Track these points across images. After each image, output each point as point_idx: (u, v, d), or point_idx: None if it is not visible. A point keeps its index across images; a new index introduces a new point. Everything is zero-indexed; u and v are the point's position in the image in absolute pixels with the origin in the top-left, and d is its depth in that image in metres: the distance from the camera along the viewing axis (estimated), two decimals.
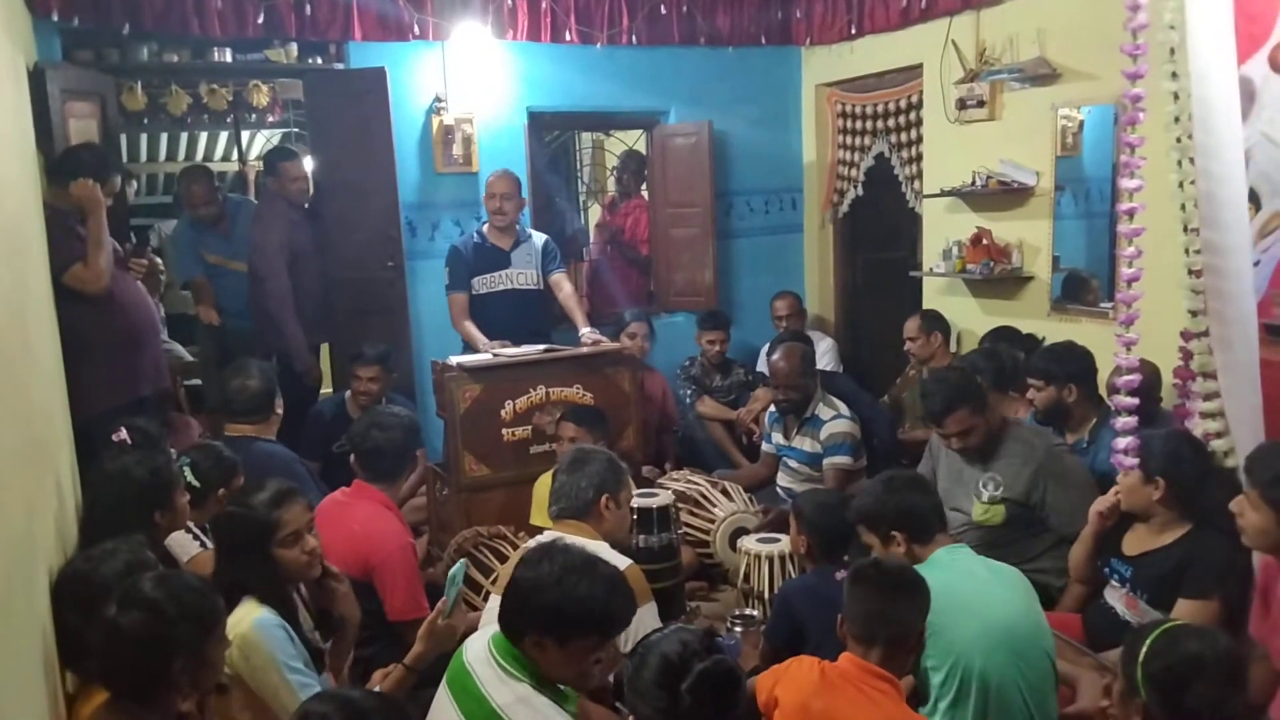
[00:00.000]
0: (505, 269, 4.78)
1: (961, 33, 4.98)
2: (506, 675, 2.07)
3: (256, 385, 3.70)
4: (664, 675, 1.83)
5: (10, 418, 2.07)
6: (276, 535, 2.40)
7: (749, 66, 6.07)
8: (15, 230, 2.60)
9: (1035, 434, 3.45)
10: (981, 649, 2.31)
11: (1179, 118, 2.61)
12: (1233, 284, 2.42)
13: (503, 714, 2.04)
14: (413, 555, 3.12)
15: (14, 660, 1.76)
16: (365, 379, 4.45)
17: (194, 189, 5.12)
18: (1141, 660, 1.81)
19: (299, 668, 2.25)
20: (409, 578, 3.03)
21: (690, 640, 1.87)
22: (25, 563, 2.01)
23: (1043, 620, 2.47)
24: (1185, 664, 1.77)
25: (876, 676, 2.07)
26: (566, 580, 2.04)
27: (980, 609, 2.37)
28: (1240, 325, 2.43)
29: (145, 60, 4.90)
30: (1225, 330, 2.46)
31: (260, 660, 2.22)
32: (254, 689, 2.24)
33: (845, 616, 2.16)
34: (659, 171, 6.14)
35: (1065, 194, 4.73)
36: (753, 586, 3.37)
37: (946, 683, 2.32)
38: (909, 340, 4.83)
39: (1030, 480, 3.28)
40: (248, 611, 2.29)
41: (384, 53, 5.16)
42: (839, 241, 6.32)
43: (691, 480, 4.17)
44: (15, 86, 3.23)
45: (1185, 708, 1.75)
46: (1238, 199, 2.42)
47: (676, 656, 1.83)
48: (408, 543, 3.12)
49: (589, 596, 2.03)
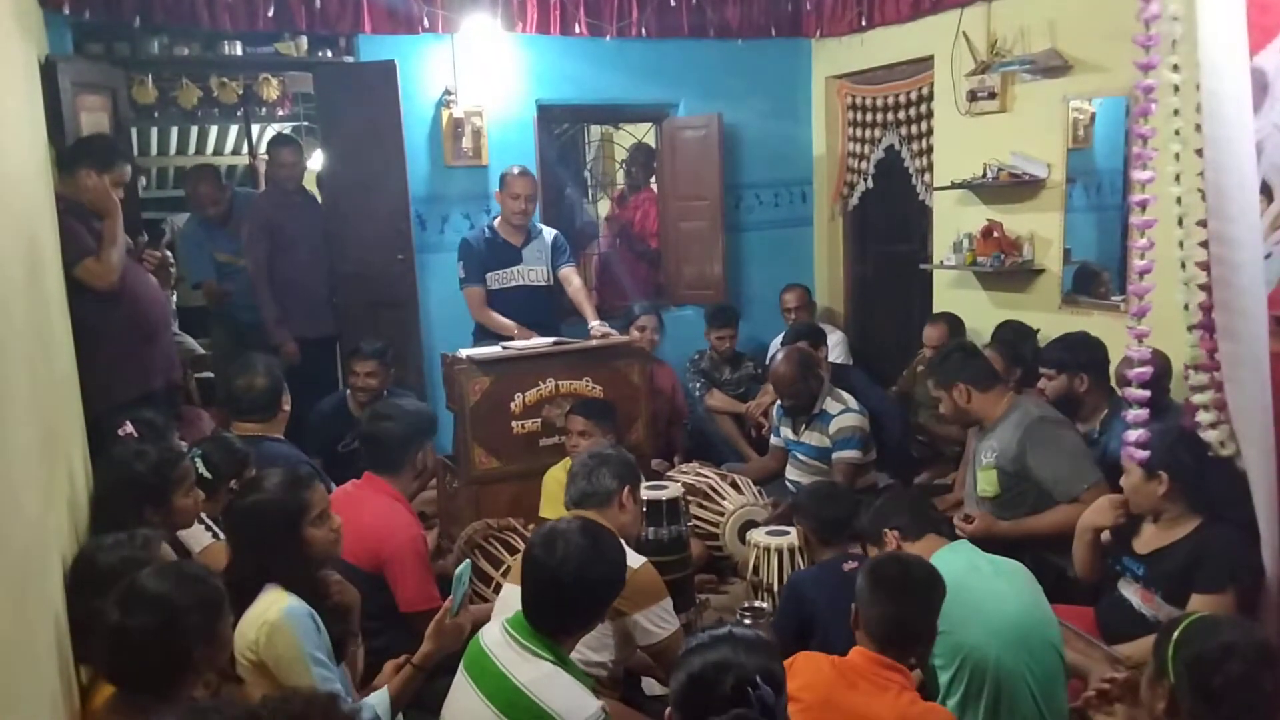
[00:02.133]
0: (517, 265, 4.79)
1: (972, 24, 4.95)
2: (529, 654, 2.09)
3: (263, 383, 3.65)
4: (685, 694, 1.65)
5: (25, 409, 2.08)
6: (308, 516, 2.42)
7: (759, 59, 6.05)
8: (28, 222, 2.61)
9: (1035, 404, 3.48)
10: (990, 647, 2.31)
11: (1179, 110, 2.59)
12: (1241, 275, 2.40)
13: (527, 690, 2.04)
14: (423, 547, 3.13)
15: (29, 649, 1.77)
16: (363, 374, 4.45)
17: (200, 189, 5.15)
18: (1175, 642, 1.81)
19: (323, 659, 2.26)
20: (419, 569, 3.04)
21: (721, 680, 1.61)
22: (40, 552, 2.02)
23: (1049, 612, 2.48)
24: (1219, 650, 1.76)
25: (887, 668, 2.08)
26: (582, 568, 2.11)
27: (986, 607, 2.37)
28: (1248, 317, 2.41)
29: (156, 53, 4.92)
30: (1232, 321, 2.44)
31: (287, 649, 2.22)
32: (275, 677, 2.25)
33: (861, 614, 2.16)
34: (668, 164, 6.13)
35: (1076, 186, 4.71)
36: (762, 579, 3.38)
37: (955, 680, 2.33)
38: (930, 349, 4.79)
39: (1018, 446, 3.31)
40: (276, 599, 2.28)
41: (394, 46, 5.16)
42: (849, 234, 6.31)
43: (701, 473, 4.18)
44: (27, 79, 3.24)
45: (1215, 688, 1.74)
46: (1248, 191, 2.40)
47: (704, 681, 1.63)
48: (418, 534, 3.13)
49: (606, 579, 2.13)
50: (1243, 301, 2.42)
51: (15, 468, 1.87)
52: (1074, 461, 3.27)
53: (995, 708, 2.30)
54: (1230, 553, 2.61)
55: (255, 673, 2.26)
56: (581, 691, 2.05)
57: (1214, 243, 2.45)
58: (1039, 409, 3.43)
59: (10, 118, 2.60)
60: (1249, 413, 2.47)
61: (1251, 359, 2.42)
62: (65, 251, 3.27)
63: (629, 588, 2.64)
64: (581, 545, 2.17)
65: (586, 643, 2.48)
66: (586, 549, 2.17)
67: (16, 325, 2.14)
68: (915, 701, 2.09)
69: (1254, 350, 2.42)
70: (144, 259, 3.89)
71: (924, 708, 2.10)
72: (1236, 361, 2.46)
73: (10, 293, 2.10)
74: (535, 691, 2.04)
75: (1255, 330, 2.42)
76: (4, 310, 1.99)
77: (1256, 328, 2.42)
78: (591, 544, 2.19)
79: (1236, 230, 2.40)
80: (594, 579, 2.17)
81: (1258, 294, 2.42)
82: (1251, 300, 2.41)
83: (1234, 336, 2.45)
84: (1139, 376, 2.72)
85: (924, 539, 2.60)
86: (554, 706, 2.00)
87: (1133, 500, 2.82)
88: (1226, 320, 2.47)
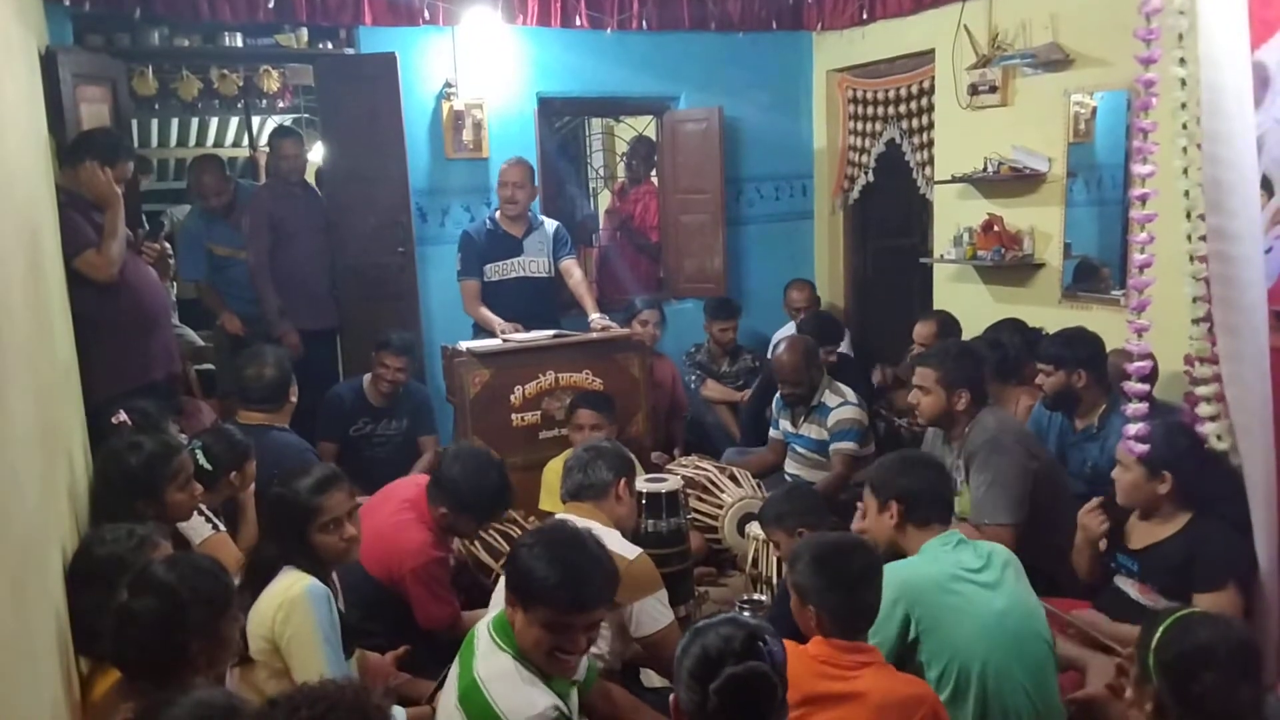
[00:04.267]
0: (518, 256, 4.78)
1: (974, 18, 4.94)
2: (495, 647, 2.09)
3: (272, 373, 3.69)
4: (699, 667, 1.70)
5: (25, 399, 2.08)
6: (317, 521, 2.43)
7: (760, 52, 6.05)
8: (29, 213, 2.61)
9: (995, 420, 3.33)
10: (978, 644, 2.31)
11: (1185, 104, 2.59)
12: (1241, 270, 2.40)
13: (481, 684, 2.04)
14: (436, 569, 3.03)
15: (28, 639, 1.78)
16: (394, 368, 4.44)
17: (205, 179, 5.14)
18: (1154, 647, 1.81)
19: (334, 643, 2.29)
20: (430, 589, 3.00)
21: (734, 636, 1.71)
22: (40, 542, 2.03)
23: (1036, 603, 2.48)
24: (1197, 652, 1.77)
25: (856, 651, 2.10)
26: (538, 548, 2.05)
27: (973, 603, 2.37)
28: (1248, 312, 2.41)
29: (156, 45, 4.92)
30: (1231, 316, 2.44)
31: (302, 624, 2.25)
32: (284, 654, 2.26)
33: (815, 605, 2.13)
34: (669, 157, 6.13)
35: (1077, 181, 4.71)
36: (761, 572, 3.38)
37: (944, 679, 2.33)
38: (920, 346, 4.72)
39: (965, 463, 3.28)
40: (298, 578, 2.33)
41: (394, 38, 5.15)
42: (849, 228, 6.31)
43: (700, 466, 4.18)
44: (27, 70, 3.23)
45: (1194, 695, 1.75)
46: (1248, 185, 2.40)
47: (715, 651, 1.69)
48: (430, 559, 3.00)
49: (547, 563, 2.02)
50: (1242, 296, 2.42)
51: (15, 457, 1.87)
52: (992, 492, 3.17)
53: (984, 702, 2.30)
54: (1227, 548, 2.61)
55: (270, 654, 2.28)
56: (532, 690, 2.01)
57: (1213, 237, 2.45)
58: (995, 427, 3.29)
59: (11, 109, 2.60)
60: (1248, 408, 2.47)
61: (1250, 354, 2.42)
62: (65, 243, 3.27)
63: (625, 578, 2.64)
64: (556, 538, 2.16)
65: None
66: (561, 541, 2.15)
67: (16, 315, 2.14)
68: (894, 672, 2.13)
69: (1253, 345, 2.42)
70: (143, 251, 3.89)
71: (906, 678, 2.13)
72: (1235, 356, 2.46)
73: (10, 283, 2.10)
74: (487, 687, 2.03)
75: (1255, 324, 2.42)
76: (4, 301, 1.99)
77: (1257, 322, 2.42)
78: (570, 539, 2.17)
79: (1236, 225, 2.39)
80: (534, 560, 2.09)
81: (1257, 289, 2.42)
82: (1251, 295, 2.41)
83: (1233, 331, 2.45)
84: (1139, 370, 2.72)
85: (928, 529, 2.58)
86: (499, 705, 1.99)
87: (1128, 496, 2.81)
88: (1225, 315, 2.47)
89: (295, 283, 4.98)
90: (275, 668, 2.30)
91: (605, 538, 2.71)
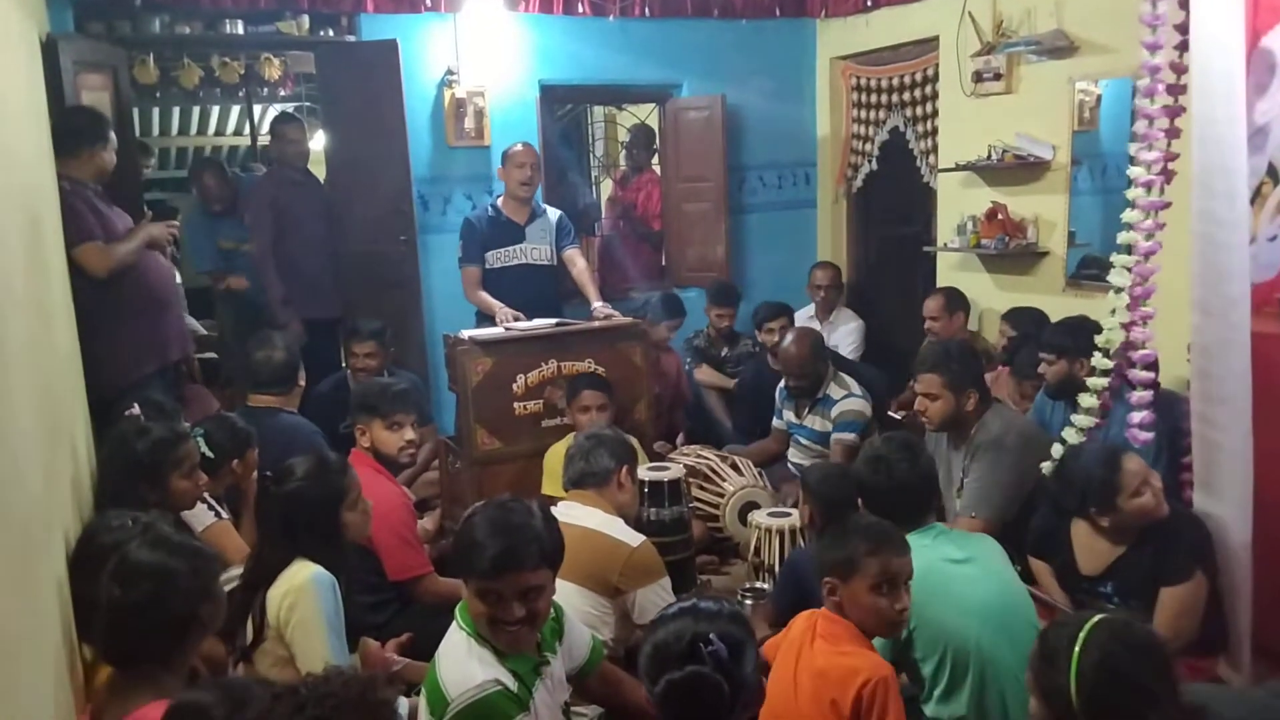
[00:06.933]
0: (520, 243, 4.76)
1: (978, 5, 4.92)
2: (457, 627, 2.09)
3: (282, 356, 3.71)
4: (650, 665, 1.72)
5: (27, 385, 2.08)
6: (346, 501, 2.47)
7: (763, 39, 6.02)
8: (31, 201, 2.61)
9: (1000, 420, 3.30)
10: (969, 631, 2.31)
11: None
12: (1226, 256, 2.39)
13: (435, 661, 2.07)
14: (405, 514, 3.13)
15: (33, 626, 1.78)
16: (362, 355, 4.45)
17: (206, 183, 5.14)
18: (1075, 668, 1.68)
19: (338, 631, 2.30)
20: (403, 537, 3.04)
21: (681, 635, 1.69)
22: (43, 529, 2.03)
23: (1022, 589, 2.49)
24: (1113, 661, 1.67)
25: (837, 622, 2.14)
26: (476, 518, 2.05)
27: (960, 594, 2.36)
28: (1227, 296, 2.39)
29: (157, 32, 4.90)
30: (1209, 296, 2.42)
31: (307, 611, 2.26)
32: (288, 642, 2.27)
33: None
34: (671, 145, 6.11)
35: (1082, 169, 4.69)
36: (763, 560, 3.38)
37: (938, 672, 2.33)
38: (930, 319, 4.75)
39: (966, 460, 3.27)
40: (304, 567, 2.33)
41: (396, 25, 5.14)
42: (852, 216, 6.28)
43: (702, 455, 4.18)
44: (29, 57, 3.23)
45: (1117, 709, 1.66)
46: (1237, 170, 2.38)
47: (660, 653, 1.70)
48: (399, 504, 3.12)
49: (475, 530, 2.01)
50: (1224, 281, 2.40)
51: (17, 444, 1.87)
52: (980, 486, 3.20)
53: (981, 691, 2.30)
54: (1191, 537, 2.61)
55: (275, 642, 2.29)
56: (474, 664, 1.99)
57: (1202, 220, 2.43)
58: (1000, 427, 3.28)
59: (11, 96, 2.60)
60: (1225, 388, 2.45)
61: (1230, 339, 2.40)
62: (66, 232, 3.27)
63: (628, 565, 2.65)
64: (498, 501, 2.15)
65: (586, 620, 2.49)
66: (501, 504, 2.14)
67: (18, 301, 2.14)
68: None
69: (1233, 330, 2.40)
70: None
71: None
72: (1210, 336, 2.45)
73: (11, 271, 2.10)
74: (438, 663, 2.05)
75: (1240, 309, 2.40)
76: (5, 286, 1.99)
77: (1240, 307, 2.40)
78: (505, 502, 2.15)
79: (1226, 209, 2.38)
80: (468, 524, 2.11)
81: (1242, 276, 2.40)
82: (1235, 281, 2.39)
83: (1210, 311, 2.44)
84: (1144, 359, 2.71)
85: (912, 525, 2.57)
86: (443, 676, 2.00)
87: None
88: (1203, 294, 2.45)
89: (298, 271, 4.98)
90: (280, 655, 2.30)
91: (608, 525, 2.74)
